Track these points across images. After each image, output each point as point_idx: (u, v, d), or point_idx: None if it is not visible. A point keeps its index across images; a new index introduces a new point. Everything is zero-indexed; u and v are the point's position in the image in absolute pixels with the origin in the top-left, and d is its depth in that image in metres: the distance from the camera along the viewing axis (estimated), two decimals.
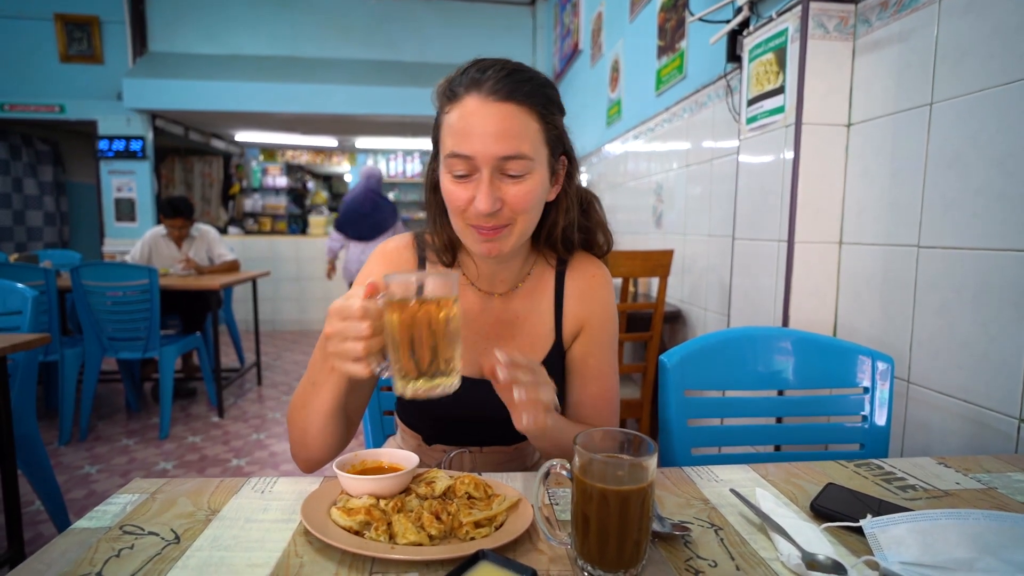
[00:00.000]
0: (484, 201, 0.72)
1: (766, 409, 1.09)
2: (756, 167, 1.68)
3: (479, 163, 0.72)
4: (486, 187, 0.72)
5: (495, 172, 0.73)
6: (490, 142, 0.71)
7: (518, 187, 0.74)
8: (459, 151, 0.72)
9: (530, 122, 0.74)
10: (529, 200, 0.75)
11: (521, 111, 0.73)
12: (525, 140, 0.73)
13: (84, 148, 6.37)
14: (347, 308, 0.63)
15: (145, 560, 0.56)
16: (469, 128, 0.71)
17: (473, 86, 0.73)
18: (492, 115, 0.71)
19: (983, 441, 1.09)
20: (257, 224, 8.04)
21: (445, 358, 0.63)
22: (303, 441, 0.80)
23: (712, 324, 2.29)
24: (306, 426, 0.79)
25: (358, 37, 5.65)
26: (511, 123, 0.72)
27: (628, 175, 3.36)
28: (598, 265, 0.94)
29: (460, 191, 0.74)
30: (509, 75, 0.73)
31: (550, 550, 0.60)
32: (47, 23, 5.25)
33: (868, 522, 0.61)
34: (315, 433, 0.79)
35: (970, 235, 1.12)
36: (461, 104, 0.73)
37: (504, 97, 0.72)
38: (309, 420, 0.78)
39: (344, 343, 0.63)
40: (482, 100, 0.72)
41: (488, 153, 0.71)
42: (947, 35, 1.18)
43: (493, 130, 0.71)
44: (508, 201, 0.74)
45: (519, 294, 0.91)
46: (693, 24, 2.35)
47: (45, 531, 2.06)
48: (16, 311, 1.80)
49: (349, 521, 0.60)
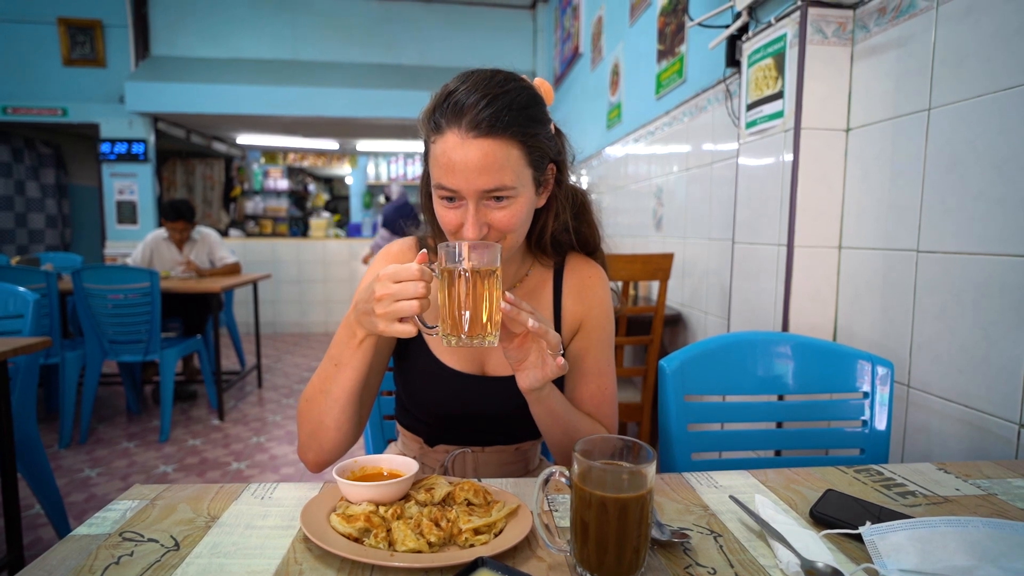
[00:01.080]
0: (471, 230, 0.76)
1: (766, 414, 1.09)
2: (756, 171, 1.69)
3: (464, 195, 0.75)
4: (472, 217, 0.76)
5: (480, 202, 0.76)
6: (473, 177, 0.74)
7: (503, 212, 0.77)
8: (444, 184, 0.76)
9: (511, 151, 0.75)
10: (515, 222, 0.78)
11: (501, 144, 0.74)
12: (507, 171, 0.75)
13: (86, 151, 6.39)
14: (403, 270, 0.68)
15: (145, 567, 0.56)
16: (451, 164, 0.74)
17: (454, 120, 0.74)
18: (472, 152, 0.73)
19: (983, 446, 1.09)
20: (258, 227, 8.06)
21: (490, 318, 0.70)
22: (316, 433, 0.82)
23: (712, 328, 2.29)
24: (322, 415, 0.81)
25: (359, 40, 5.67)
26: (492, 158, 0.74)
27: (628, 178, 3.36)
28: (593, 265, 0.96)
29: (450, 215, 0.78)
30: (489, 105, 0.73)
31: (549, 557, 0.60)
32: (50, 27, 5.27)
33: (867, 529, 0.61)
34: (331, 422, 0.81)
35: (969, 239, 1.12)
36: (443, 139, 0.75)
37: (484, 132, 0.73)
38: (327, 406, 0.80)
39: (397, 303, 0.68)
40: (462, 137, 0.73)
41: (471, 188, 0.74)
42: (945, 40, 1.18)
43: (475, 166, 0.73)
44: (494, 224, 0.77)
45: (518, 294, 0.92)
46: (693, 29, 2.35)
47: (44, 535, 2.05)
48: (17, 314, 1.80)
49: (348, 528, 0.60)
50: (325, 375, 0.81)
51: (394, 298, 0.67)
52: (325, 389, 0.81)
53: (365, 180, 9.04)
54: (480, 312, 0.69)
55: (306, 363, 4.75)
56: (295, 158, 8.58)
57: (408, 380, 0.94)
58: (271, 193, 8.45)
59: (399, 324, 0.69)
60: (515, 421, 0.94)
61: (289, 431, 3.16)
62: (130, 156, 5.41)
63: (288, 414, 3.45)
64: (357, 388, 0.80)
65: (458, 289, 0.68)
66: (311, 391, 0.83)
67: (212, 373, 3.36)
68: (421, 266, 0.68)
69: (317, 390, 0.82)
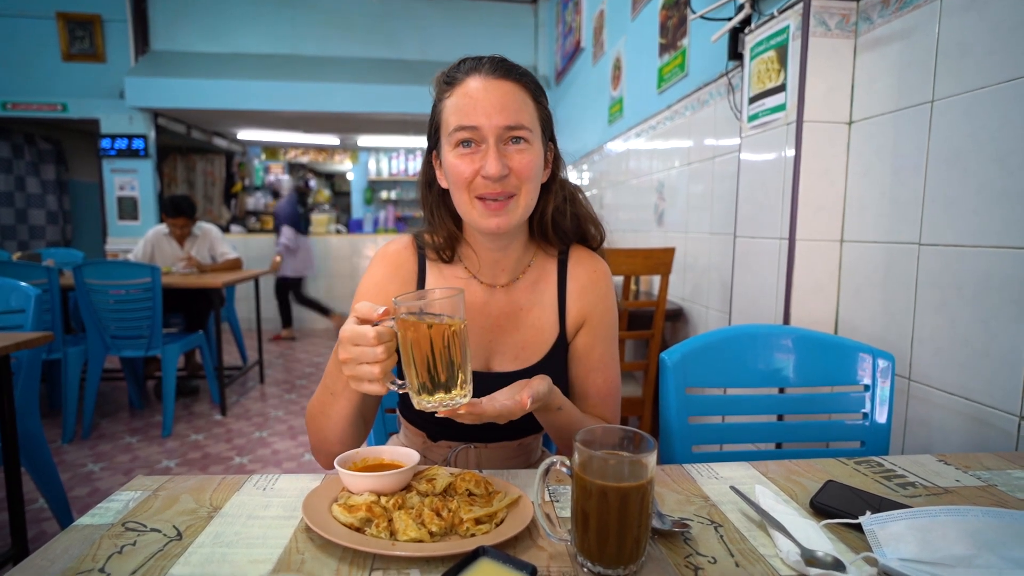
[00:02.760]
0: (493, 165, 0.76)
1: (767, 407, 1.09)
2: (758, 165, 1.68)
3: (485, 132, 0.77)
4: (494, 151, 0.77)
5: (499, 142, 0.78)
6: (494, 112, 0.76)
7: (522, 155, 0.79)
8: (465, 123, 0.77)
9: (527, 99, 0.80)
10: (532, 168, 0.80)
11: (519, 88, 0.80)
12: (524, 113, 0.79)
13: (87, 147, 6.38)
14: (360, 334, 0.66)
15: (147, 556, 0.56)
16: (474, 102, 0.77)
17: (473, 70, 0.79)
18: (494, 89, 0.77)
19: (983, 438, 1.09)
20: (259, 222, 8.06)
21: (458, 373, 0.66)
22: (322, 445, 0.85)
23: (713, 322, 2.29)
24: (325, 432, 0.84)
25: (360, 35, 5.65)
26: (512, 97, 0.78)
27: (630, 173, 3.36)
28: (598, 260, 0.96)
29: (465, 164, 0.78)
30: (503, 61, 0.81)
31: (550, 546, 0.60)
32: (49, 22, 5.26)
33: (867, 519, 0.61)
34: (334, 439, 0.83)
35: (971, 232, 1.12)
36: (463, 85, 0.78)
37: (503, 75, 0.79)
38: (328, 426, 0.83)
39: (360, 367, 0.67)
40: (484, 78, 0.78)
41: (493, 123, 0.77)
42: (948, 33, 1.17)
43: (497, 102, 0.77)
44: (513, 168, 0.78)
45: (521, 286, 0.92)
46: (695, 22, 2.35)
47: (48, 528, 2.06)
48: (19, 309, 1.80)
49: (350, 518, 0.61)
50: (322, 400, 0.83)
51: (356, 362, 0.66)
52: (324, 412, 0.83)
53: (366, 176, 9.03)
54: (448, 369, 0.65)
55: (308, 358, 4.76)
56: (296, 154, 8.57)
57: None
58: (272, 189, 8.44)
59: (368, 384, 0.67)
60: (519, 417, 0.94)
61: (291, 426, 3.17)
62: (131, 152, 5.40)
63: (290, 409, 3.46)
64: (353, 413, 0.82)
65: (420, 345, 0.64)
66: (312, 409, 0.85)
67: (214, 368, 3.37)
68: (378, 328, 0.66)
69: (318, 411, 0.84)
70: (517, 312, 0.92)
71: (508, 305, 0.91)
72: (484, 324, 0.90)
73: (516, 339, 0.91)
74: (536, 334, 0.91)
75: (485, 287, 0.91)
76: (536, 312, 0.92)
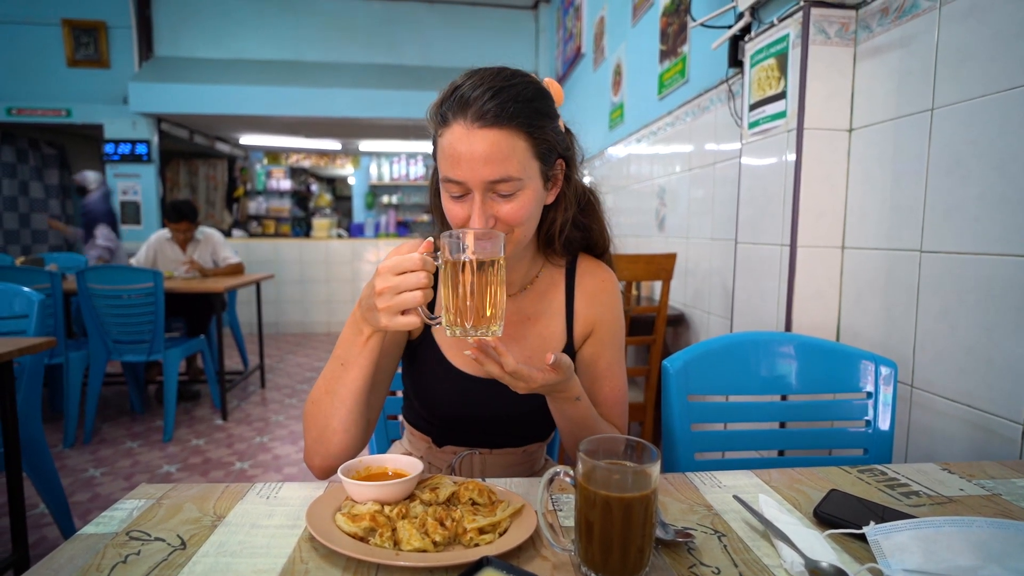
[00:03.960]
0: (477, 221, 0.76)
1: (769, 414, 1.09)
2: (758, 171, 1.69)
3: (471, 186, 0.75)
4: (478, 208, 0.75)
5: (486, 193, 0.76)
6: (478, 168, 0.73)
7: (510, 205, 0.77)
8: (451, 176, 0.76)
9: (517, 143, 0.75)
10: (522, 215, 0.78)
11: (506, 134, 0.74)
12: (512, 162, 0.74)
13: (90, 151, 6.41)
14: (405, 261, 0.68)
15: (152, 566, 0.56)
16: (457, 155, 0.74)
17: (460, 112, 0.74)
18: (479, 141, 0.73)
19: (987, 446, 1.09)
20: (261, 227, 8.08)
21: (494, 308, 0.69)
22: (323, 436, 0.80)
23: (715, 328, 2.29)
24: (328, 417, 0.80)
25: (361, 41, 5.67)
26: (497, 148, 0.73)
27: (631, 178, 3.36)
28: (605, 269, 0.96)
29: (458, 209, 0.78)
30: (494, 97, 0.74)
31: (554, 556, 0.60)
32: (54, 28, 5.29)
33: (871, 529, 0.61)
34: (338, 424, 0.79)
35: (972, 239, 1.12)
36: (450, 130, 0.75)
37: (490, 123, 0.73)
38: (333, 408, 0.79)
39: (399, 296, 0.68)
40: (467, 128, 0.73)
41: (477, 178, 0.74)
42: (948, 41, 1.18)
43: (480, 156, 0.73)
44: (501, 217, 0.77)
45: (529, 295, 0.92)
46: (695, 29, 2.35)
47: (49, 534, 2.06)
48: (22, 315, 1.81)
49: (354, 527, 0.61)
50: (331, 375, 0.80)
51: (396, 290, 0.67)
52: (331, 390, 0.80)
53: (368, 180, 9.05)
54: (484, 303, 0.68)
55: (309, 363, 4.76)
56: (298, 158, 8.60)
57: (417, 381, 0.94)
58: (274, 193, 8.47)
59: (402, 317, 0.68)
60: (523, 423, 0.94)
61: (292, 431, 3.17)
62: (134, 157, 5.43)
63: (291, 414, 3.46)
64: (364, 387, 0.79)
65: (462, 279, 0.67)
66: (317, 393, 0.82)
67: (215, 373, 3.37)
68: (423, 256, 0.68)
69: (323, 391, 0.81)
70: (525, 322, 0.91)
71: (516, 315, 0.91)
72: None
73: (524, 348, 0.91)
74: (544, 344, 0.91)
75: None
76: (544, 322, 0.92)
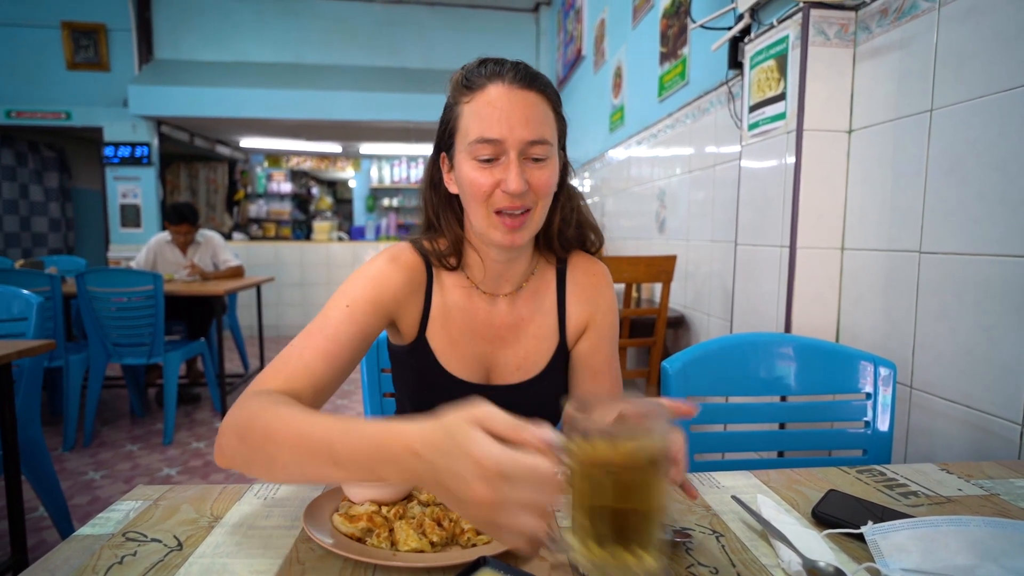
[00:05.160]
0: (515, 181, 0.74)
1: (769, 415, 1.09)
2: (758, 173, 1.69)
3: (508, 146, 0.74)
4: (516, 167, 0.74)
5: (520, 156, 0.75)
6: (518, 126, 0.74)
7: (541, 171, 0.77)
8: (487, 136, 0.74)
9: (548, 111, 0.78)
10: (550, 184, 0.78)
11: (541, 99, 0.77)
12: (547, 126, 0.77)
13: (90, 154, 6.42)
14: (536, 473, 0.44)
15: (148, 567, 0.56)
16: (497, 113, 0.74)
17: (495, 76, 0.76)
18: (518, 101, 0.75)
19: (986, 447, 1.09)
20: (261, 230, 8.09)
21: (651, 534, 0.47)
22: (249, 468, 0.61)
23: (715, 330, 2.29)
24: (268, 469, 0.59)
25: (362, 44, 5.69)
26: (536, 109, 0.76)
27: (631, 181, 3.36)
28: (596, 263, 0.95)
29: (484, 176, 0.76)
30: (527, 68, 0.78)
31: (551, 557, 0.60)
32: (54, 31, 5.30)
33: (869, 529, 0.60)
34: (270, 478, 0.61)
35: (971, 240, 1.12)
36: (483, 92, 0.75)
37: (527, 85, 0.76)
38: (281, 473, 0.59)
39: (521, 516, 0.45)
40: (507, 87, 0.75)
41: (516, 137, 0.74)
42: (947, 42, 1.18)
43: (520, 115, 0.74)
44: (533, 184, 0.76)
45: (523, 295, 0.91)
46: (695, 31, 2.36)
47: (48, 537, 2.06)
48: (22, 317, 1.81)
49: (351, 528, 0.60)
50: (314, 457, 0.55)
51: (519, 505, 0.44)
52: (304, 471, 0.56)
53: (368, 183, 9.06)
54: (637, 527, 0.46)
55: None
56: (298, 161, 8.61)
57: (409, 387, 0.92)
58: (274, 196, 8.48)
59: (521, 540, 0.45)
60: None
61: None
62: (133, 159, 5.43)
63: None
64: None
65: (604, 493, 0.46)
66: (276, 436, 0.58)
67: (216, 376, 3.37)
68: (559, 468, 0.45)
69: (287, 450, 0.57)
70: (518, 323, 0.90)
71: (510, 315, 0.90)
72: (486, 336, 0.89)
73: (517, 350, 0.89)
74: (537, 344, 0.90)
75: (487, 297, 0.89)
76: (537, 321, 0.91)
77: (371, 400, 1.14)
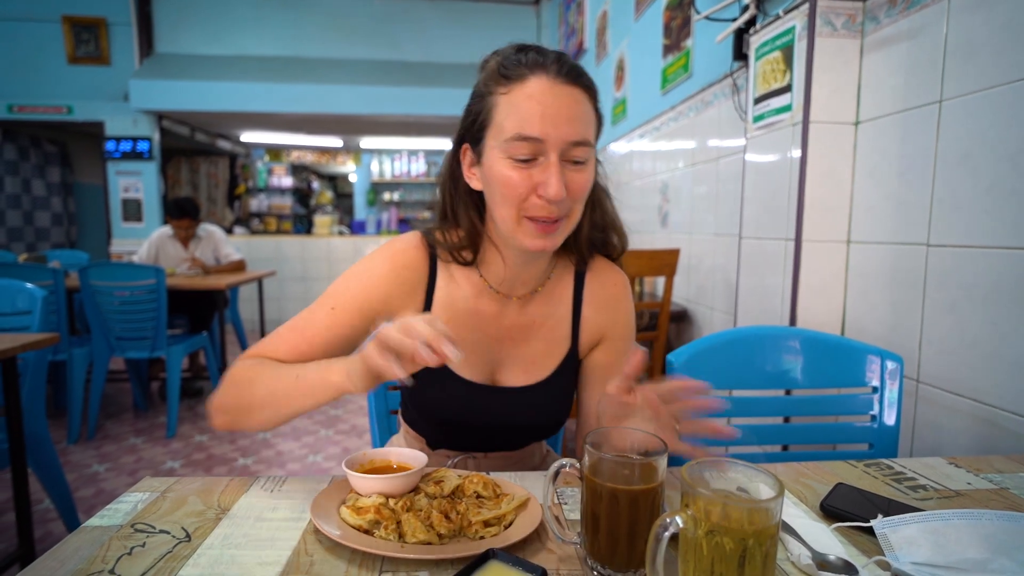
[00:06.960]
0: (556, 186, 0.68)
1: (774, 409, 1.08)
2: (763, 166, 1.68)
3: (548, 146, 0.68)
4: (557, 171, 0.68)
5: (561, 157, 0.69)
6: (562, 125, 0.68)
7: (580, 175, 0.71)
8: (528, 133, 0.68)
9: (591, 110, 0.72)
10: (587, 189, 0.73)
11: (585, 97, 0.71)
12: (590, 126, 0.71)
13: (91, 149, 6.41)
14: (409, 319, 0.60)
15: (157, 558, 0.56)
16: (540, 109, 0.67)
17: (538, 67, 0.69)
18: (564, 97, 0.68)
19: (994, 441, 1.08)
20: (263, 224, 8.08)
21: None
22: (238, 418, 0.74)
23: (719, 323, 2.29)
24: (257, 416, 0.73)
25: (362, 37, 5.66)
26: (580, 107, 0.70)
27: (634, 174, 3.35)
28: (618, 272, 0.90)
29: (521, 178, 0.69)
30: (571, 62, 0.71)
31: (559, 549, 0.60)
32: (55, 25, 5.28)
33: (879, 522, 0.60)
34: (258, 419, 0.73)
35: (980, 233, 1.11)
36: (524, 84, 0.69)
37: (573, 80, 0.69)
38: (267, 411, 0.72)
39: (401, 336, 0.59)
40: (551, 81, 0.68)
41: (559, 137, 0.68)
42: (956, 32, 1.17)
43: (565, 113, 0.68)
44: (571, 189, 0.70)
45: (537, 298, 0.87)
46: (699, 22, 2.34)
47: (54, 529, 2.07)
48: (26, 311, 1.81)
49: (359, 520, 0.60)
50: (287, 388, 0.71)
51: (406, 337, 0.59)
52: (273, 395, 0.72)
53: (369, 177, 9.04)
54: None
55: None
56: (299, 155, 8.59)
57: (414, 385, 0.89)
58: (275, 190, 8.47)
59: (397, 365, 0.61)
60: (522, 430, 0.90)
61: (295, 427, 3.17)
62: (135, 154, 5.43)
63: None
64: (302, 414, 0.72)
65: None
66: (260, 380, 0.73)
67: (218, 369, 3.38)
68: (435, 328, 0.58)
69: (265, 387, 0.72)
70: (529, 325, 0.86)
71: (521, 317, 0.86)
72: (494, 336, 0.85)
73: (525, 353, 0.86)
74: (547, 347, 0.86)
75: (500, 297, 0.85)
76: (550, 324, 0.87)
77: (375, 398, 1.14)
